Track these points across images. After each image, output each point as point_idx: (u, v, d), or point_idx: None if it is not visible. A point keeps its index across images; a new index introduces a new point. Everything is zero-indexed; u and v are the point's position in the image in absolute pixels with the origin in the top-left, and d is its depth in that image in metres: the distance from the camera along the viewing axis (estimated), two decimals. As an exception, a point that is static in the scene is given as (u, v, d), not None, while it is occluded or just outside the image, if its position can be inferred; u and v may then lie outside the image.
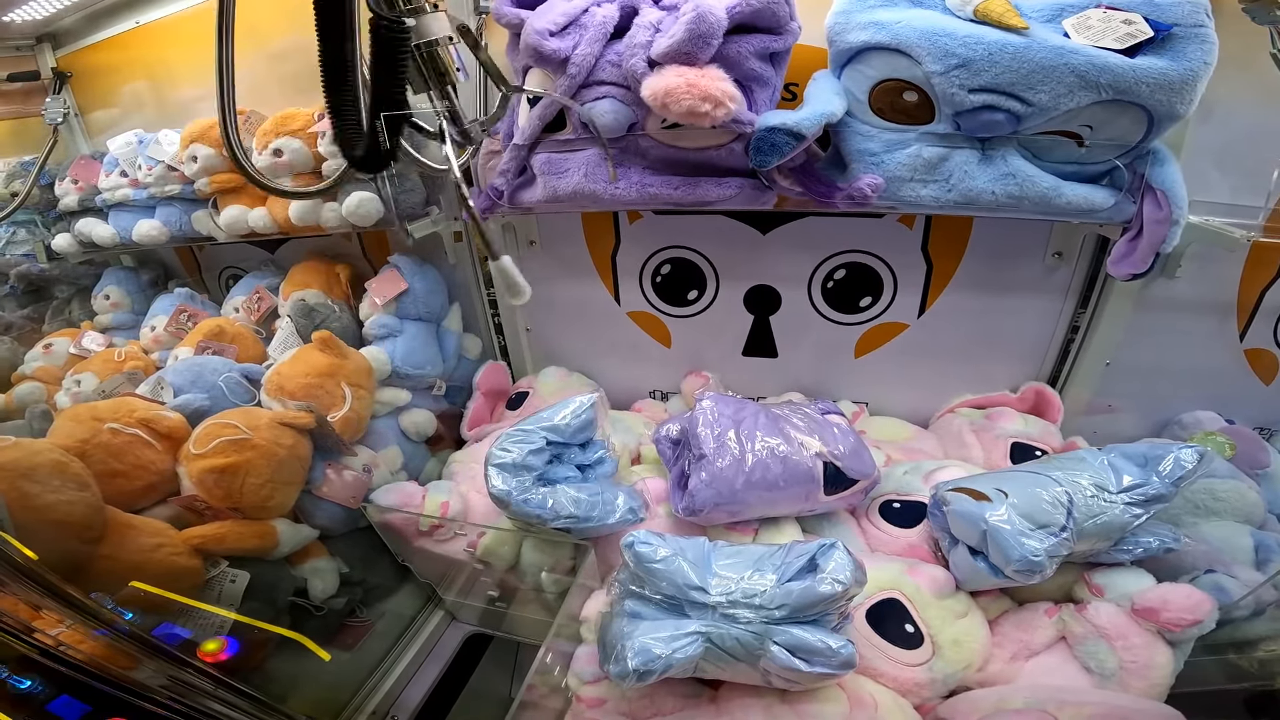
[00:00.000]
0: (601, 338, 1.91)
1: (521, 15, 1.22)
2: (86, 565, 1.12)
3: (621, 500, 1.32)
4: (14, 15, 1.80)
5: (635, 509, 1.33)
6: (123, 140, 1.81)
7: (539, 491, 1.27)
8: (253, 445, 1.32)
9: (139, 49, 1.85)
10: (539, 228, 1.77)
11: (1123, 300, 1.46)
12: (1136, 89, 1.01)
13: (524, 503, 1.25)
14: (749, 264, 1.68)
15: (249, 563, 1.32)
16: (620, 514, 1.31)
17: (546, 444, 1.32)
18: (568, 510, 1.26)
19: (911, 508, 1.34)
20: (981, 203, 1.18)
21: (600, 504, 1.29)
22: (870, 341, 1.72)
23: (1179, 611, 1.03)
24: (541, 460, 1.31)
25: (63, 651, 0.85)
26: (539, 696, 1.18)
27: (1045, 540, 1.06)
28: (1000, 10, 1.05)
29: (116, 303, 2.14)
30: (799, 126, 1.11)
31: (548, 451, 1.33)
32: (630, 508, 1.32)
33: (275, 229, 1.67)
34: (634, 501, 1.34)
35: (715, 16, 1.07)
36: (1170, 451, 1.13)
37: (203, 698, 1.00)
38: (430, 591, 1.68)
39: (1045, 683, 1.10)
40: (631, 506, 1.33)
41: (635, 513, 1.33)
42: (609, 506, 1.30)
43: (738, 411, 1.35)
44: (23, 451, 1.11)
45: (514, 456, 1.28)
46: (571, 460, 1.40)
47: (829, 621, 1.03)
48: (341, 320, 1.73)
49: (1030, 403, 1.61)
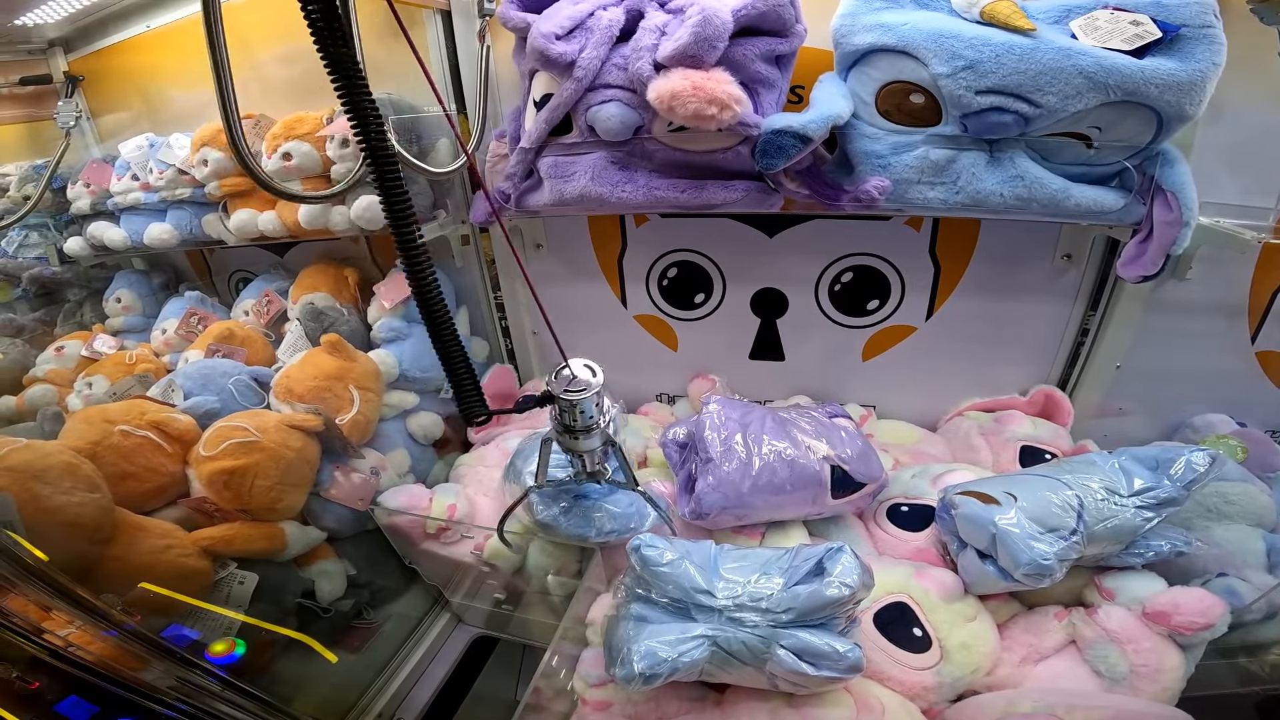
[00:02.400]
0: (608, 341, 1.90)
1: (528, 19, 1.23)
2: (96, 566, 1.12)
3: (647, 509, 1.33)
4: (26, 19, 1.81)
5: (661, 506, 1.31)
6: (134, 144, 1.82)
7: (580, 512, 1.31)
8: (262, 448, 1.33)
9: (150, 53, 1.86)
10: (546, 231, 1.77)
11: (1133, 303, 1.45)
12: (1145, 90, 1.01)
13: (570, 527, 1.29)
14: (756, 267, 1.68)
15: (257, 564, 1.33)
16: (651, 520, 1.32)
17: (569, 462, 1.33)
18: (609, 526, 1.29)
19: (920, 511, 1.33)
20: (989, 205, 1.18)
21: (636, 514, 1.31)
22: (878, 344, 1.71)
23: (1190, 615, 1.02)
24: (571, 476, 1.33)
25: (72, 652, 0.85)
26: (544, 699, 1.17)
27: (1055, 544, 1.05)
28: (1007, 12, 1.05)
29: (128, 306, 2.15)
30: (805, 129, 1.11)
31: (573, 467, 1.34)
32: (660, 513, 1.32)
33: (285, 232, 1.68)
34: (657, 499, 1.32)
35: (721, 19, 1.07)
36: (1181, 455, 1.12)
37: (210, 699, 1.00)
38: (437, 594, 1.68)
39: (1054, 686, 1.09)
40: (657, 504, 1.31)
41: (660, 509, 1.32)
42: (641, 516, 1.32)
43: (745, 415, 1.35)
44: (34, 453, 1.12)
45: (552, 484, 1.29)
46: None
47: (836, 625, 1.03)
48: (350, 323, 1.74)
49: (1039, 406, 1.60)
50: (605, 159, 1.28)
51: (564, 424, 1.07)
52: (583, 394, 1.02)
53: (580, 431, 1.07)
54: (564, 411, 1.05)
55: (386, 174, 0.78)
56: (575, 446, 1.11)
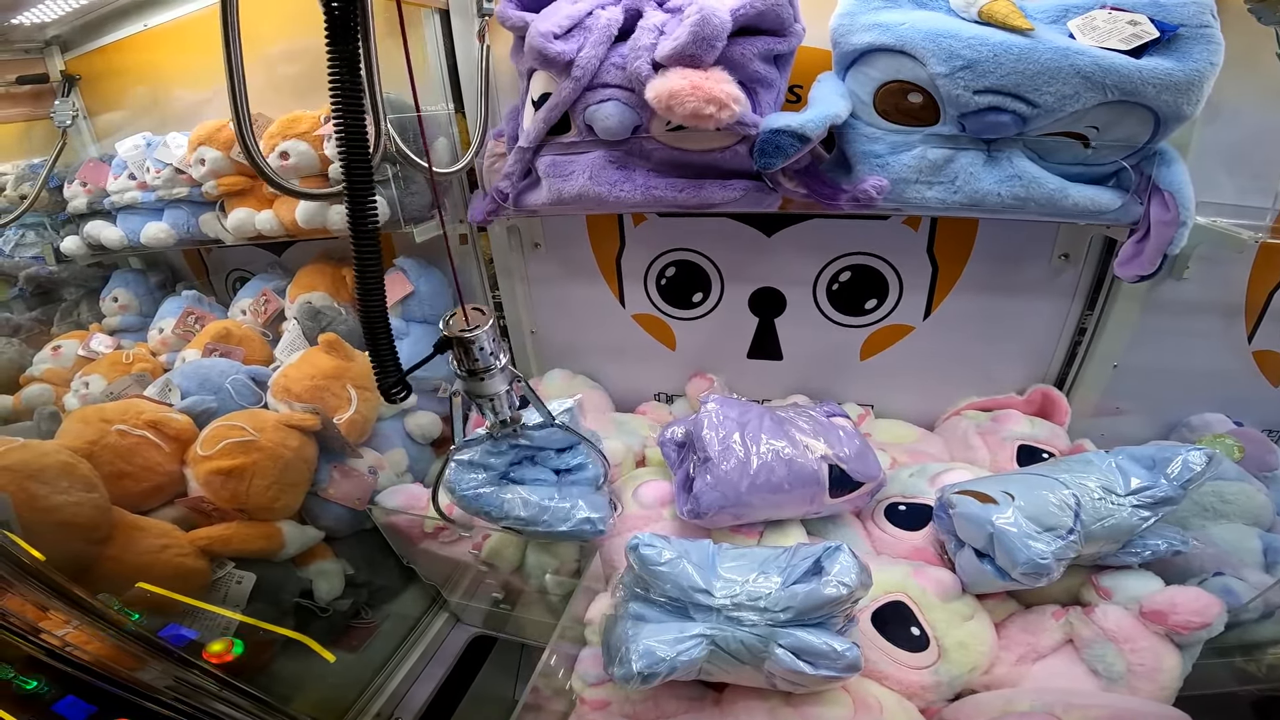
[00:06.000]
0: (606, 340, 1.91)
1: (526, 18, 1.23)
2: (93, 566, 1.12)
3: (581, 510, 1.29)
4: (23, 18, 1.80)
5: (594, 520, 1.29)
6: (131, 143, 1.82)
7: (491, 490, 1.30)
8: (259, 447, 1.32)
9: (147, 52, 1.86)
10: (544, 230, 1.77)
11: (1130, 302, 1.45)
12: (1142, 90, 1.01)
13: (474, 498, 1.29)
14: (754, 266, 1.68)
15: (255, 564, 1.33)
16: (573, 523, 1.28)
17: (510, 446, 1.33)
18: (516, 512, 1.28)
19: (917, 510, 1.34)
20: (987, 204, 1.18)
21: (552, 510, 1.28)
22: (876, 344, 1.71)
23: (1187, 614, 1.03)
24: (503, 460, 1.33)
25: (69, 652, 0.85)
26: (543, 699, 1.18)
27: (1052, 543, 1.06)
28: (1005, 11, 1.05)
29: (125, 305, 2.15)
30: (803, 128, 1.11)
31: (513, 453, 1.34)
32: (587, 518, 1.28)
33: (282, 231, 1.68)
34: (596, 513, 1.30)
35: (719, 19, 1.07)
36: (1178, 454, 1.12)
37: (208, 699, 1.00)
38: (435, 593, 1.68)
39: (1052, 686, 1.09)
40: (590, 517, 1.28)
41: (593, 524, 1.29)
42: (561, 514, 1.28)
43: (742, 414, 1.35)
44: (31, 453, 1.12)
45: (472, 454, 1.30)
46: (547, 463, 1.40)
47: (834, 624, 1.03)
48: (347, 323, 1.74)
49: (1037, 405, 1.61)
50: (603, 158, 1.28)
51: (466, 369, 1.06)
52: (476, 330, 1.02)
53: (482, 373, 1.06)
54: (462, 355, 1.05)
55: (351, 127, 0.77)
56: (482, 390, 1.09)
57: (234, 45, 0.92)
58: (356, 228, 0.82)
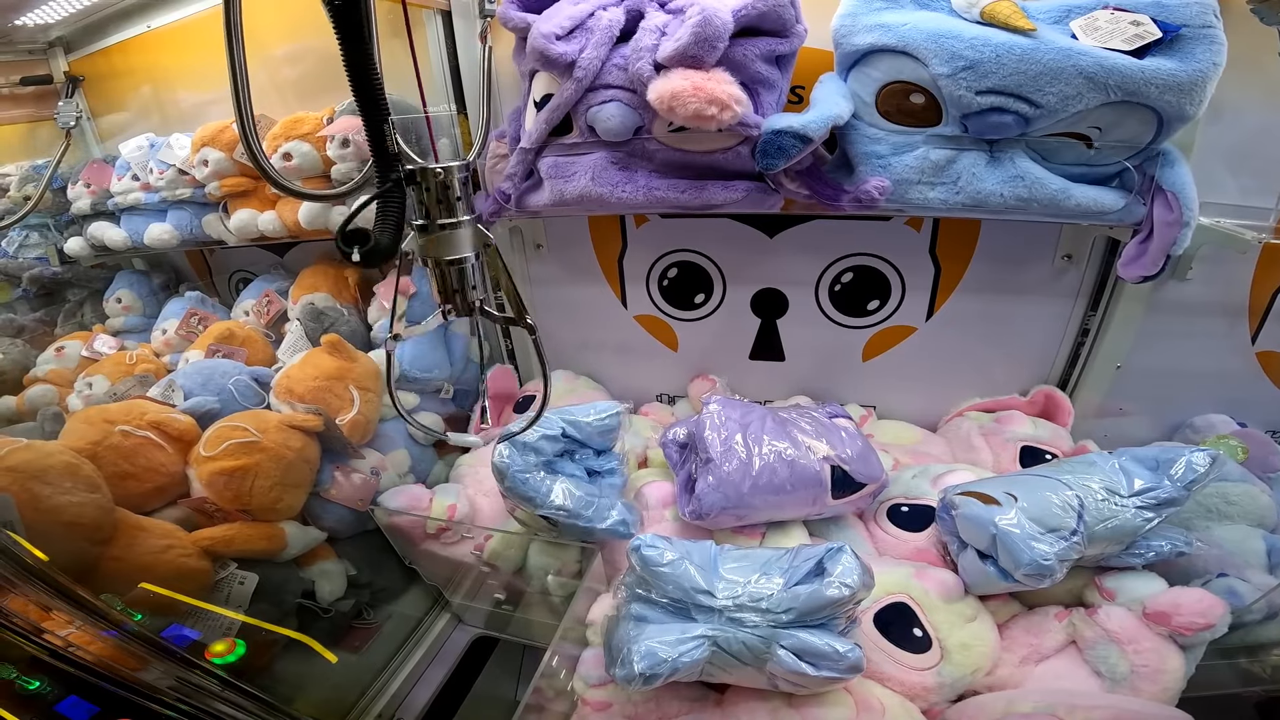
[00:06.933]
0: (608, 341, 1.91)
1: (528, 19, 1.23)
2: (96, 567, 1.12)
3: (616, 511, 1.31)
4: (27, 19, 1.81)
5: (628, 523, 1.31)
6: (134, 144, 1.83)
7: (539, 475, 1.29)
8: (262, 448, 1.33)
9: (151, 53, 1.87)
10: (546, 231, 1.77)
11: (1133, 303, 1.45)
12: (1145, 90, 1.01)
13: (522, 481, 1.28)
14: (756, 267, 1.68)
15: (257, 565, 1.33)
16: (610, 522, 1.30)
17: (562, 435, 1.34)
18: (560, 501, 1.27)
19: (920, 511, 1.33)
20: (990, 205, 1.17)
21: (594, 506, 1.29)
22: (878, 345, 1.71)
23: (1191, 615, 1.02)
24: (553, 448, 1.33)
25: (72, 652, 0.85)
26: (544, 699, 1.17)
27: (1055, 544, 1.05)
28: (1007, 12, 1.05)
29: (128, 306, 2.15)
30: (805, 129, 1.11)
31: (561, 443, 1.35)
32: (623, 520, 1.31)
33: (285, 232, 1.68)
34: (629, 515, 1.33)
35: (721, 20, 1.07)
36: (1182, 455, 1.12)
37: (210, 699, 1.00)
38: (437, 594, 1.68)
39: (1055, 687, 1.09)
40: (625, 520, 1.31)
41: (627, 526, 1.31)
42: (602, 512, 1.30)
43: (745, 415, 1.35)
44: (34, 453, 1.12)
45: (528, 437, 1.29)
46: (583, 461, 1.41)
47: (836, 625, 1.03)
48: (350, 323, 1.74)
49: (1040, 406, 1.60)
50: (605, 159, 1.28)
51: (425, 215, 0.88)
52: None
53: (448, 226, 0.87)
54: (425, 191, 0.88)
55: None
56: (440, 254, 0.93)
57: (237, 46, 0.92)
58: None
